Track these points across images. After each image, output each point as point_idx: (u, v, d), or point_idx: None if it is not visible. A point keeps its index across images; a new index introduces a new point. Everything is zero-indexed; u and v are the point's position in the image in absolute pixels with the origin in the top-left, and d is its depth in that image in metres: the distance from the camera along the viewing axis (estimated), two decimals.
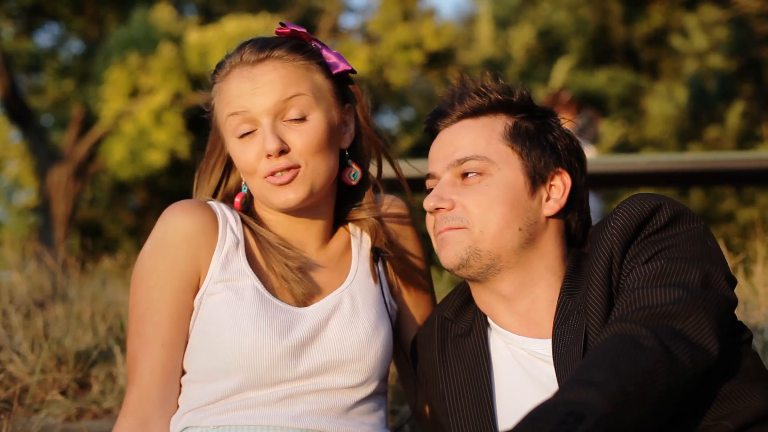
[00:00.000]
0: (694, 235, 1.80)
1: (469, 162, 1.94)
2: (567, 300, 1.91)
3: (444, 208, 1.95)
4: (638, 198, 1.84)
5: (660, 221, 1.81)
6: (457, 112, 2.01)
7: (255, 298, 1.95)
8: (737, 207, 17.96)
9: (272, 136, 1.94)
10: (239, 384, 1.93)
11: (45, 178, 18.33)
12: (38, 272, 4.61)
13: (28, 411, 2.97)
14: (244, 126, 1.97)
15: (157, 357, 1.96)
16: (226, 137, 2.04)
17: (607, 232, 1.82)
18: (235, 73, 1.99)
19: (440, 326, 2.09)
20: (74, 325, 3.43)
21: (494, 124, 1.98)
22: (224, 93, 2.01)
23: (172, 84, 16.91)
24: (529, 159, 1.96)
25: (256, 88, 1.96)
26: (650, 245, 1.79)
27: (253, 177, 1.99)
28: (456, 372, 2.02)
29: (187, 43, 17.05)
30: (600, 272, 1.82)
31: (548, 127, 2.01)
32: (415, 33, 19.62)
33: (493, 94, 1.99)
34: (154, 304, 1.96)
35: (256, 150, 1.96)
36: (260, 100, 1.95)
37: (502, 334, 1.99)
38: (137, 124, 16.89)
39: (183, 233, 1.97)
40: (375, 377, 2.02)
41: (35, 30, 22.19)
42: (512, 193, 1.94)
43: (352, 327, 2.00)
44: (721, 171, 9.35)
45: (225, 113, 2.00)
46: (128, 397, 1.98)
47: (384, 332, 2.04)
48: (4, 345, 3.24)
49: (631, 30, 21.87)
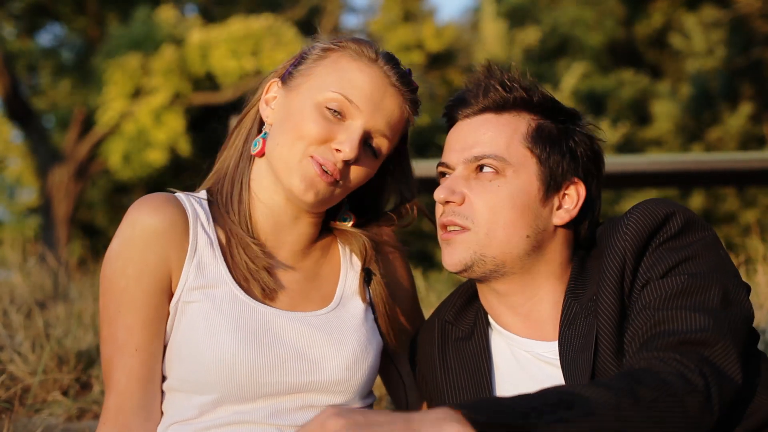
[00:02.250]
0: (707, 244, 1.79)
1: (486, 160, 1.89)
2: (572, 302, 1.88)
3: (454, 202, 1.91)
4: (651, 203, 1.82)
5: (673, 229, 1.79)
6: (480, 104, 1.95)
7: (234, 308, 1.88)
8: (739, 208, 17.95)
9: (357, 147, 1.89)
10: (220, 398, 1.87)
11: (46, 178, 18.34)
12: (39, 272, 4.60)
13: (29, 411, 2.97)
14: (341, 108, 1.91)
15: (132, 362, 1.89)
16: (305, 89, 1.94)
17: (620, 238, 1.80)
18: (374, 72, 1.95)
19: (440, 330, 2.07)
20: (75, 324, 3.43)
21: (517, 124, 1.92)
22: (350, 72, 1.94)
23: (172, 84, 16.92)
24: (547, 165, 1.91)
25: (382, 102, 1.93)
26: (665, 255, 1.76)
27: (299, 143, 1.90)
28: (457, 375, 2.00)
29: (189, 43, 17.05)
30: (612, 278, 1.79)
31: (570, 132, 1.95)
32: (416, 34, 19.62)
33: (518, 91, 1.93)
34: (125, 307, 1.88)
35: (331, 133, 1.90)
36: (374, 115, 1.92)
37: (505, 335, 1.97)
38: (137, 125, 16.90)
39: (151, 231, 1.88)
40: (360, 395, 1.98)
41: (37, 30, 22.20)
42: (524, 199, 1.89)
43: (340, 348, 1.94)
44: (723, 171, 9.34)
45: (336, 86, 1.92)
46: (107, 404, 1.91)
47: (373, 353, 1.99)
48: (6, 345, 3.24)
49: (632, 31, 21.87)
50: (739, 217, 17.72)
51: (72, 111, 19.68)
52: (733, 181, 13.40)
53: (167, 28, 17.61)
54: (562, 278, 1.94)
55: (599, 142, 2.00)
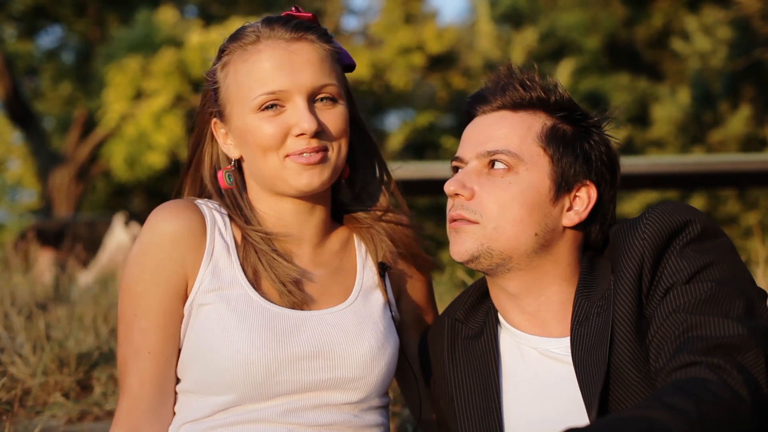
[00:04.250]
0: (726, 251, 1.81)
1: (498, 155, 1.90)
2: (582, 302, 1.88)
3: (463, 196, 1.91)
4: (670, 206, 1.83)
5: (692, 233, 1.80)
6: (498, 101, 1.96)
7: (249, 309, 1.89)
8: (740, 210, 17.96)
9: (310, 115, 1.89)
10: (237, 398, 1.88)
11: (47, 180, 18.36)
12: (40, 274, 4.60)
13: (29, 413, 2.97)
14: (272, 101, 1.91)
15: (146, 365, 1.91)
16: (238, 110, 1.95)
17: (638, 237, 1.81)
18: (267, 47, 1.92)
19: (450, 328, 2.06)
20: (76, 327, 3.43)
21: (532, 122, 1.93)
22: (253, 67, 1.92)
23: (172, 87, 16.94)
24: (559, 165, 1.91)
25: (293, 65, 1.90)
26: (688, 259, 1.78)
27: (270, 155, 1.91)
28: (465, 374, 2.00)
29: (189, 45, 17.07)
30: (630, 277, 1.80)
31: (586, 134, 1.95)
32: (416, 36, 19.64)
33: (536, 90, 1.94)
34: (141, 311, 1.91)
35: (283, 126, 1.90)
36: (297, 81, 1.90)
37: (512, 332, 1.97)
38: (138, 127, 16.93)
39: (169, 237, 1.90)
40: (377, 393, 1.98)
41: (37, 32, 22.23)
42: (534, 197, 1.90)
43: (357, 344, 1.94)
44: (724, 173, 9.34)
45: (254, 87, 1.92)
46: (119, 407, 1.93)
47: (390, 350, 1.98)
48: (6, 347, 3.23)
49: (633, 32, 21.89)
50: (740, 220, 17.72)
51: (72, 113, 19.70)
52: (734, 183, 13.41)
53: (167, 30, 17.64)
54: (571, 279, 1.94)
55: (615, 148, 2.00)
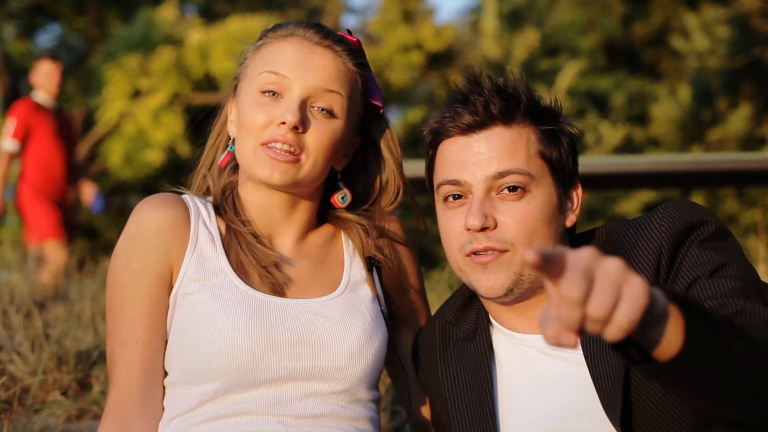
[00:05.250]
0: (739, 251, 1.80)
1: (511, 176, 1.81)
2: None
3: (489, 228, 1.82)
4: (685, 204, 1.82)
5: (708, 230, 1.79)
6: (484, 116, 1.84)
7: (233, 296, 1.91)
8: (739, 209, 17.95)
9: (298, 110, 1.92)
10: (222, 386, 1.88)
11: None
12: (39, 272, 4.61)
13: (28, 411, 2.97)
14: (274, 86, 1.95)
15: (133, 356, 1.92)
16: (244, 87, 2.01)
17: (655, 230, 1.79)
18: (294, 41, 1.97)
19: (441, 330, 2.05)
20: (75, 325, 3.43)
21: (528, 135, 1.85)
22: (273, 51, 1.98)
23: (171, 85, 16.93)
24: (559, 171, 1.87)
25: (307, 62, 1.95)
26: (708, 254, 1.76)
27: (251, 137, 1.95)
28: (458, 377, 1.98)
29: (188, 44, 17.06)
30: (649, 268, 1.78)
31: (564, 132, 1.91)
32: (415, 34, 19.63)
33: (523, 100, 1.86)
34: (127, 300, 1.92)
35: (272, 114, 1.93)
36: (304, 76, 1.94)
37: (508, 334, 1.95)
38: (137, 125, 16.92)
39: (155, 227, 1.93)
40: (365, 385, 1.97)
41: (36, 30, 22.21)
42: (550, 210, 1.85)
43: (344, 333, 1.94)
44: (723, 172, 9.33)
45: (263, 68, 1.97)
46: (109, 399, 1.94)
47: (378, 342, 1.98)
48: (5, 345, 3.23)
49: (632, 31, 21.88)
50: (740, 219, 17.72)
51: (71, 111, 19.67)
52: (732, 182, 13.40)
53: (166, 29, 17.62)
54: None
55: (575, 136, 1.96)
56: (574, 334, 1.19)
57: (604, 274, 1.18)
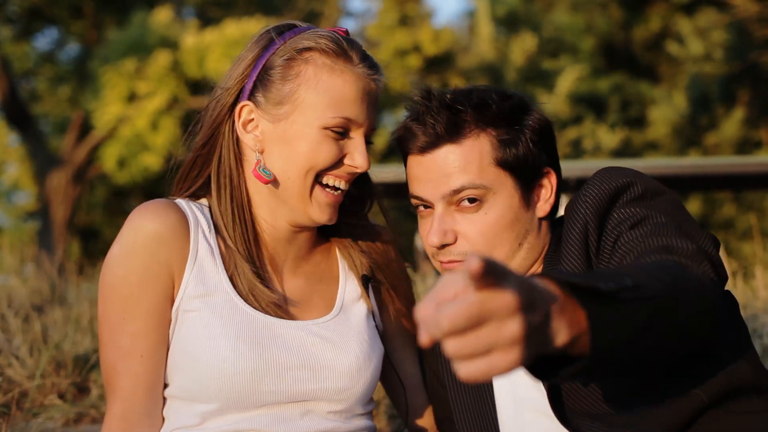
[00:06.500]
0: (672, 203, 1.78)
1: (465, 191, 1.87)
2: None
3: (449, 244, 1.89)
4: (610, 170, 1.83)
5: (634, 193, 1.78)
6: (434, 135, 1.89)
7: (234, 316, 1.87)
8: (736, 213, 17.98)
9: (366, 156, 1.93)
10: (222, 407, 1.86)
11: (44, 182, 18.34)
12: (37, 276, 4.60)
13: (26, 415, 2.97)
14: (345, 126, 1.90)
15: (138, 369, 1.88)
16: (302, 117, 1.89)
17: (580, 203, 1.80)
18: (354, 76, 1.93)
19: None
20: (73, 329, 3.43)
21: (480, 146, 1.88)
22: (336, 88, 1.90)
23: (168, 88, 16.93)
24: (519, 173, 1.89)
25: (368, 102, 1.94)
26: (631, 212, 1.75)
27: (311, 175, 1.90)
28: (460, 383, 2.00)
29: (184, 47, 17.07)
30: (574, 240, 1.79)
31: (524, 125, 1.91)
32: (413, 38, 19.66)
33: (468, 112, 1.88)
34: (129, 314, 1.87)
35: (340, 152, 1.90)
36: (368, 116, 1.94)
37: None
38: (134, 129, 16.92)
39: (154, 237, 1.86)
40: (362, 402, 1.98)
41: (34, 34, 22.22)
42: (511, 214, 1.89)
43: (344, 355, 1.93)
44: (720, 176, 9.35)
45: (331, 103, 1.88)
46: (111, 411, 1.90)
47: (375, 360, 1.98)
48: (3, 349, 3.23)
49: (629, 35, 21.92)
50: (736, 223, 17.75)
51: (70, 115, 19.69)
52: (729, 186, 13.42)
53: (162, 32, 17.63)
54: None
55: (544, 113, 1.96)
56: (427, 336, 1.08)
57: (491, 322, 1.07)
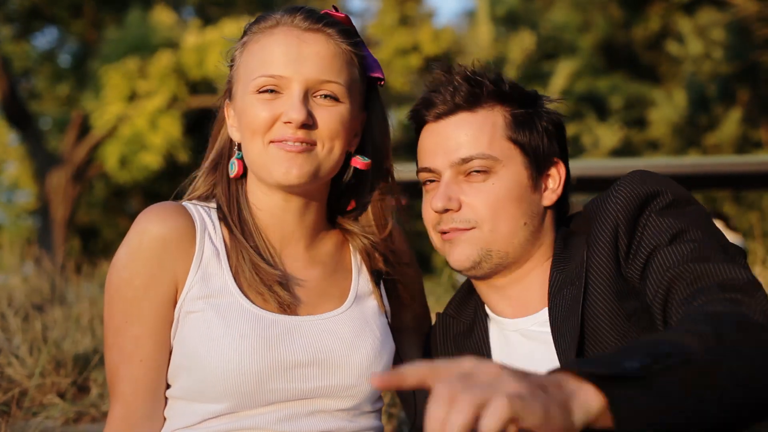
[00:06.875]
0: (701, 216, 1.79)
1: (474, 161, 1.90)
2: (557, 274, 1.90)
3: (452, 210, 1.92)
4: (641, 174, 1.84)
5: (664, 201, 1.79)
6: (451, 103, 1.94)
7: (238, 316, 1.86)
8: (736, 212, 17.99)
9: (302, 106, 1.84)
10: (228, 407, 1.85)
11: (44, 181, 18.34)
12: (37, 275, 4.61)
13: (26, 414, 2.97)
14: (272, 86, 1.87)
15: (138, 372, 1.88)
16: (240, 90, 1.92)
17: (611, 204, 1.81)
18: (282, 32, 1.88)
19: (441, 324, 2.09)
20: (73, 328, 3.43)
21: (494, 119, 1.93)
22: (262, 49, 1.89)
23: (168, 88, 16.93)
24: (530, 152, 1.93)
25: (300, 54, 1.86)
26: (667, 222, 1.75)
27: (256, 139, 1.87)
28: None
29: (185, 47, 17.07)
30: (605, 242, 1.80)
31: (539, 114, 1.97)
32: (413, 37, 19.67)
33: (487, 85, 1.93)
34: (132, 317, 1.87)
35: (275, 112, 1.86)
36: (302, 68, 1.86)
37: (498, 321, 1.99)
38: (134, 128, 16.93)
39: (159, 241, 1.86)
40: (371, 400, 1.96)
41: (33, 33, 22.22)
42: (518, 190, 1.92)
43: (354, 351, 1.91)
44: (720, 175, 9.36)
45: (257, 71, 1.88)
46: (112, 414, 1.90)
47: (386, 357, 1.97)
48: (3, 348, 3.23)
49: (629, 34, 21.92)
50: (737, 222, 17.74)
51: (69, 114, 19.69)
52: (730, 185, 13.44)
53: (164, 32, 17.64)
54: (550, 259, 1.96)
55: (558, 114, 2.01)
56: None
57: (475, 380, 1.13)
